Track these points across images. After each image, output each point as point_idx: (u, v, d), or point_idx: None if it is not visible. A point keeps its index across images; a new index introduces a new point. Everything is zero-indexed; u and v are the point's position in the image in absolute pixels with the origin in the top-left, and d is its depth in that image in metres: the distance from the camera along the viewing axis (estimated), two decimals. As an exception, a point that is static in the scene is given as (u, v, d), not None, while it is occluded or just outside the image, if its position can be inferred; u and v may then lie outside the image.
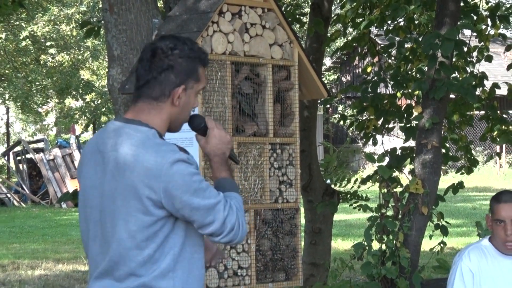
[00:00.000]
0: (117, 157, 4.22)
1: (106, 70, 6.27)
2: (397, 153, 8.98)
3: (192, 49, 4.33)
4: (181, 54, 4.27)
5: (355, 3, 11.27)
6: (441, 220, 8.58)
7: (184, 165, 4.11)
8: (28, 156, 30.22)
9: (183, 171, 4.10)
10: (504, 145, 19.01)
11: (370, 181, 9.18)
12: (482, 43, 10.41)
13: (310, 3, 12.17)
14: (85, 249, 4.44)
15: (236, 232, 4.15)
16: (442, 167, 8.65)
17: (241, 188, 6.01)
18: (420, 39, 10.21)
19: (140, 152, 4.15)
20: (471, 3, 10.84)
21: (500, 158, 34.11)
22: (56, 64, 34.99)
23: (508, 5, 11.45)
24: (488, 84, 9.93)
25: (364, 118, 10.74)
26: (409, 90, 9.86)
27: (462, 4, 9.16)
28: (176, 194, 4.06)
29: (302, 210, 6.53)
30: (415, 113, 9.48)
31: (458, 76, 8.74)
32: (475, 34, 10.37)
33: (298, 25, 11.26)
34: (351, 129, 11.93)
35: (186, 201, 4.07)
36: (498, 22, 10.84)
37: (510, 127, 10.58)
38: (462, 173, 10.14)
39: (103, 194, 4.27)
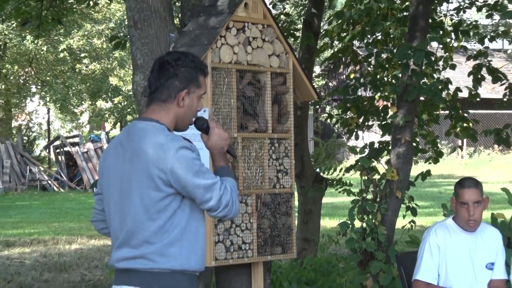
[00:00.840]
0: (133, 146, 4.41)
1: (131, 76, 6.26)
2: (375, 146, 8.97)
3: (193, 61, 4.54)
4: (183, 64, 4.48)
5: (340, 20, 11.29)
6: (412, 202, 8.59)
7: (187, 151, 4.29)
8: (65, 149, 30.16)
9: (186, 155, 4.27)
10: (465, 140, 18.90)
11: (353, 169, 9.17)
12: (447, 53, 10.40)
13: (302, 20, 12.13)
14: (108, 226, 4.60)
15: (230, 208, 4.33)
16: (413, 158, 8.65)
17: (245, 176, 6.02)
18: (395, 50, 10.21)
19: (152, 141, 4.34)
20: (438, 20, 10.85)
21: (461, 150, 34.14)
22: (89, 72, 34.96)
23: (468, 22, 11.41)
24: (452, 88, 9.92)
25: (347, 116, 10.74)
26: (386, 93, 9.86)
27: (430, 20, 9.15)
28: (181, 174, 4.24)
29: (296, 194, 6.52)
30: (390, 113, 9.48)
31: (427, 81, 8.72)
32: (441, 46, 10.36)
33: (292, 39, 11.24)
34: (336, 126, 11.93)
35: (189, 180, 4.25)
36: (460, 36, 10.84)
37: (470, 124, 10.59)
38: (429, 163, 10.14)
39: (122, 179, 4.44)
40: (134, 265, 4.40)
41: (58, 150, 30.86)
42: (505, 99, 10.87)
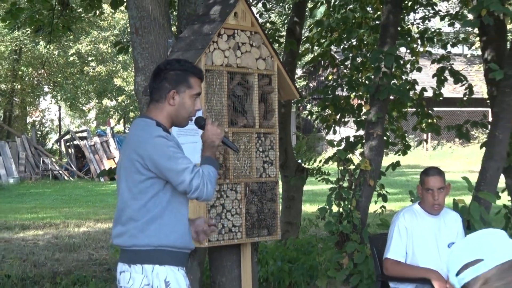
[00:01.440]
0: (128, 138, 4.74)
1: (133, 78, 6.24)
2: (350, 140, 8.98)
3: (183, 66, 4.71)
4: (172, 68, 4.67)
5: (319, 28, 11.28)
6: (383, 189, 8.61)
7: (163, 140, 4.45)
8: (75, 142, 30.10)
9: (161, 143, 4.44)
10: (429, 134, 18.90)
11: (331, 160, 9.17)
12: (414, 57, 10.40)
13: (286, 28, 12.12)
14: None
15: (201, 190, 4.45)
16: (384, 150, 8.66)
17: (234, 166, 6.02)
18: (368, 54, 10.22)
19: (137, 132, 4.59)
20: (406, 28, 10.86)
21: (426, 143, 34.20)
22: (96, 73, 34.87)
23: (433, 30, 11.42)
24: (418, 88, 9.93)
25: (326, 114, 10.73)
26: (360, 93, 9.86)
27: (399, 28, 9.16)
28: (156, 158, 4.41)
29: (280, 182, 6.52)
30: (364, 110, 9.50)
31: (396, 82, 8.72)
32: (408, 51, 10.36)
33: (277, 44, 11.22)
34: (316, 122, 11.90)
35: (162, 164, 4.42)
36: (425, 42, 10.84)
37: (434, 120, 10.60)
38: (398, 155, 10.14)
39: (119, 166, 4.69)
40: (122, 243, 4.56)
41: (68, 144, 30.83)
42: (464, 98, 10.87)
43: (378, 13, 10.80)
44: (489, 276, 2.56)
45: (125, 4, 6.99)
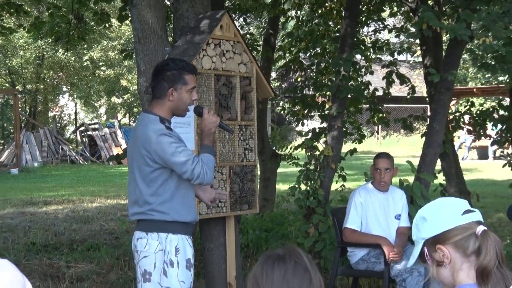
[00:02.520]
0: (136, 133, 4.64)
1: (137, 79, 6.20)
2: (316, 131, 8.97)
3: (178, 65, 4.67)
4: (168, 69, 4.63)
5: (290, 38, 11.28)
6: (342, 171, 8.62)
7: (166, 137, 4.42)
8: (88, 133, 30.03)
9: (165, 140, 4.41)
10: (380, 126, 18.96)
11: (300, 148, 9.19)
12: (367, 63, 10.40)
13: (262, 38, 12.10)
14: (128, 190, 4.80)
15: (202, 177, 4.45)
16: (343, 139, 8.66)
17: (220, 152, 6.00)
18: (330, 60, 10.23)
19: (143, 129, 4.53)
20: (361, 38, 10.88)
21: (377, 134, 34.39)
22: (105, 76, 34.77)
23: (382, 40, 11.44)
24: (371, 88, 9.93)
25: (296, 109, 10.75)
26: (324, 92, 9.85)
27: (355, 39, 9.15)
28: (161, 154, 4.41)
29: (258, 166, 6.52)
30: (327, 106, 9.51)
31: (353, 83, 8.72)
32: (363, 57, 10.36)
33: (255, 52, 11.21)
34: (288, 116, 11.91)
35: (167, 159, 4.41)
36: (376, 50, 10.87)
37: (384, 115, 10.63)
38: (355, 143, 10.16)
39: (131, 157, 4.63)
40: (139, 217, 4.59)
41: (82, 134, 30.77)
42: (408, 97, 10.94)
43: (338, 26, 10.82)
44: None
45: (129, 18, 6.94)
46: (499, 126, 10.50)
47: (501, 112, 10.68)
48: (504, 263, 2.41)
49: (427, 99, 10.58)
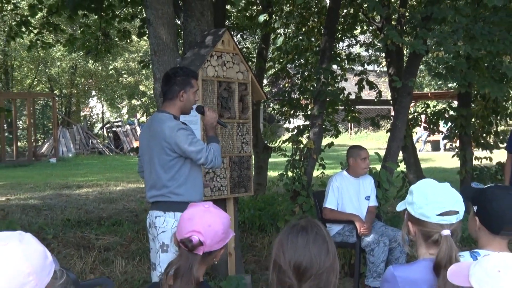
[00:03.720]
0: (153, 129, 4.58)
1: (153, 85, 6.18)
2: (300, 128, 8.95)
3: (185, 72, 4.69)
4: (178, 75, 4.63)
5: (279, 52, 11.29)
6: (322, 161, 8.60)
7: (183, 131, 4.45)
8: (113, 129, 30.01)
9: (183, 133, 4.44)
10: (352, 123, 19.01)
11: (287, 142, 9.17)
12: (343, 72, 10.39)
13: (256, 51, 12.08)
14: (144, 176, 4.79)
15: (214, 162, 4.51)
16: (323, 134, 8.64)
17: (222, 145, 5.99)
18: (312, 70, 10.20)
19: (162, 125, 4.50)
20: (337, 52, 10.85)
21: (351, 130, 34.44)
22: (127, 82, 34.71)
23: (355, 53, 11.45)
24: (345, 92, 9.91)
25: (284, 110, 10.72)
26: (307, 96, 9.81)
27: (332, 52, 9.13)
28: (180, 144, 4.41)
29: (252, 156, 6.50)
30: (310, 107, 9.48)
31: (331, 88, 8.69)
32: (339, 67, 10.34)
33: (250, 62, 11.18)
34: (277, 115, 11.89)
35: (185, 148, 4.42)
36: (350, 61, 10.88)
37: (356, 114, 10.62)
38: (332, 137, 10.13)
39: (149, 148, 4.61)
40: (157, 199, 4.56)
41: (108, 130, 30.77)
42: (375, 99, 10.95)
43: (318, 42, 10.79)
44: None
45: (147, 35, 6.90)
46: (449, 124, 10.56)
47: (451, 112, 10.72)
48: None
49: (391, 101, 10.61)
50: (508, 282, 1.80)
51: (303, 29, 11.33)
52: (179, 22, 7.47)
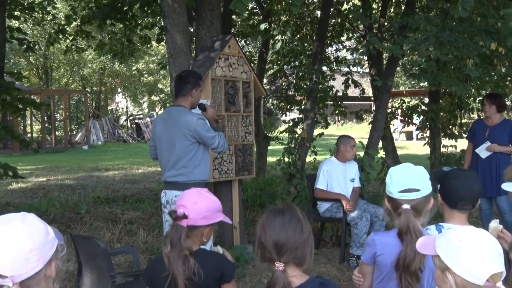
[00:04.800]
0: (173, 119, 4.61)
1: (169, 83, 6.14)
2: (295, 120, 8.91)
3: (195, 74, 4.78)
4: (190, 76, 4.71)
5: (277, 55, 11.25)
6: (314, 148, 8.56)
7: (201, 120, 4.54)
8: (135, 121, 30.02)
9: (201, 122, 4.53)
10: (339, 116, 18.93)
11: (284, 132, 9.13)
12: (331, 72, 10.32)
13: (258, 55, 12.02)
14: (158, 158, 4.80)
15: (223, 146, 4.62)
16: (315, 125, 8.59)
17: (229, 135, 5.97)
18: (305, 70, 10.14)
19: (184, 116, 4.55)
20: (327, 55, 10.79)
21: (338, 122, 34.39)
22: (147, 81, 34.60)
23: (342, 56, 11.42)
24: (334, 90, 9.87)
25: (281, 104, 10.69)
26: (301, 93, 9.76)
27: (323, 55, 9.07)
28: (199, 131, 4.48)
29: (254, 145, 6.47)
30: (303, 103, 9.43)
31: (322, 86, 8.64)
32: (328, 68, 10.29)
33: (252, 64, 11.14)
34: (275, 109, 11.86)
35: (203, 134, 4.50)
36: (337, 63, 10.83)
37: (342, 109, 10.60)
38: (323, 128, 10.08)
39: (169, 136, 4.62)
40: (176, 179, 4.60)
41: (131, 121, 30.82)
42: (359, 96, 10.93)
43: (311, 46, 10.73)
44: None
45: (164, 40, 6.86)
46: (421, 117, 10.57)
47: (423, 107, 10.73)
48: (415, 233, 2.54)
49: (372, 98, 10.56)
50: (468, 251, 1.81)
51: (298, 36, 11.28)
52: (192, 30, 7.43)
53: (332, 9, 9.54)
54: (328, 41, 11.01)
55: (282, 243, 2.10)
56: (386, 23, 9.21)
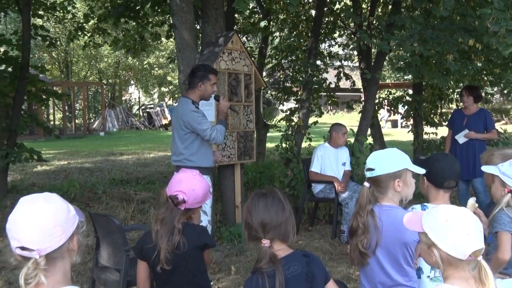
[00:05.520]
0: (176, 109, 4.65)
1: (178, 76, 6.10)
2: (292, 109, 8.85)
3: (205, 68, 4.70)
4: (199, 70, 4.65)
5: (275, 50, 11.17)
6: (309, 135, 8.51)
7: (195, 113, 4.49)
8: (147, 110, 29.94)
9: (194, 114, 4.50)
10: (332, 106, 18.87)
11: (282, 120, 9.07)
12: (325, 66, 10.27)
13: (258, 50, 11.94)
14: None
15: (216, 139, 4.55)
16: (309, 114, 8.53)
17: (231, 123, 5.93)
18: (301, 64, 10.06)
19: (181, 108, 4.55)
20: (320, 50, 10.71)
21: (331, 111, 34.27)
22: (158, 74, 34.44)
23: (334, 51, 11.36)
24: (327, 82, 9.80)
25: (279, 95, 10.63)
26: (297, 84, 9.68)
27: (317, 50, 9.00)
28: (191, 123, 4.47)
29: (255, 132, 6.44)
30: (299, 93, 9.36)
31: (316, 79, 8.57)
32: (322, 63, 10.23)
33: (253, 58, 11.05)
34: (274, 99, 11.79)
35: (195, 127, 4.48)
36: (330, 58, 10.78)
37: (335, 99, 10.54)
38: (317, 117, 10.03)
39: (173, 124, 4.68)
40: (179, 164, 4.59)
41: (143, 110, 30.72)
42: (350, 88, 10.87)
43: (306, 42, 10.63)
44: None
45: (173, 36, 6.80)
46: (406, 107, 10.53)
47: (407, 98, 10.68)
48: (362, 207, 2.53)
49: (362, 89, 10.50)
50: (453, 229, 1.82)
51: (294, 33, 11.19)
52: (198, 27, 7.36)
53: (325, 8, 9.44)
54: (322, 38, 10.93)
55: (267, 222, 2.14)
56: (374, 21, 9.15)
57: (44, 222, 1.60)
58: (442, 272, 1.87)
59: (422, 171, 2.60)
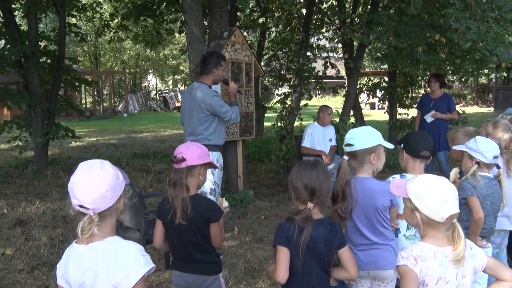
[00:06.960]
0: (193, 94, 4.37)
1: (188, 65, 6.01)
2: (286, 93, 8.75)
3: (217, 55, 4.47)
4: (212, 57, 4.40)
5: (272, 43, 11.03)
6: (300, 115, 8.45)
7: (216, 97, 4.28)
8: (163, 94, 29.75)
9: (216, 98, 4.28)
10: (319, 91, 18.78)
11: (277, 103, 8.98)
12: (314, 57, 10.11)
13: (257, 43, 11.77)
14: (184, 126, 4.58)
15: (235, 119, 4.40)
16: (301, 97, 8.43)
17: (234, 105, 5.89)
18: (294, 55, 9.91)
19: (201, 92, 4.31)
20: (311, 43, 10.54)
21: (319, 95, 34.01)
22: (172, 64, 34.14)
23: (322, 44, 11.24)
24: (316, 70, 9.66)
25: (275, 81, 10.53)
26: (291, 72, 9.56)
27: (308, 43, 8.86)
28: (213, 106, 4.25)
29: (254, 112, 6.36)
30: (292, 80, 9.25)
31: (307, 67, 8.44)
32: (312, 53, 10.06)
33: (253, 50, 10.92)
34: (270, 85, 11.69)
35: (217, 109, 4.25)
36: (319, 50, 10.63)
37: (323, 85, 10.44)
38: (307, 100, 9.92)
39: (190, 107, 4.41)
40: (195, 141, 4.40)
41: (159, 95, 30.50)
42: (335, 75, 10.76)
43: (298, 36, 10.48)
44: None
45: (184, 31, 6.68)
46: (382, 91, 10.46)
47: (383, 84, 10.60)
48: (341, 176, 2.44)
49: (346, 77, 10.38)
50: (434, 196, 1.83)
51: (288, 28, 11.03)
52: (206, 23, 7.24)
53: (314, 7, 9.27)
54: (312, 32, 10.75)
55: (316, 189, 2.13)
56: (356, 18, 8.99)
57: (98, 187, 1.66)
58: (420, 232, 1.89)
59: (391, 146, 2.57)
